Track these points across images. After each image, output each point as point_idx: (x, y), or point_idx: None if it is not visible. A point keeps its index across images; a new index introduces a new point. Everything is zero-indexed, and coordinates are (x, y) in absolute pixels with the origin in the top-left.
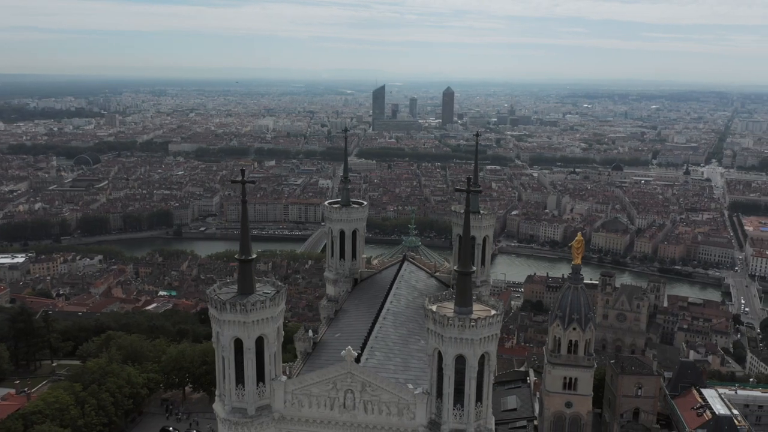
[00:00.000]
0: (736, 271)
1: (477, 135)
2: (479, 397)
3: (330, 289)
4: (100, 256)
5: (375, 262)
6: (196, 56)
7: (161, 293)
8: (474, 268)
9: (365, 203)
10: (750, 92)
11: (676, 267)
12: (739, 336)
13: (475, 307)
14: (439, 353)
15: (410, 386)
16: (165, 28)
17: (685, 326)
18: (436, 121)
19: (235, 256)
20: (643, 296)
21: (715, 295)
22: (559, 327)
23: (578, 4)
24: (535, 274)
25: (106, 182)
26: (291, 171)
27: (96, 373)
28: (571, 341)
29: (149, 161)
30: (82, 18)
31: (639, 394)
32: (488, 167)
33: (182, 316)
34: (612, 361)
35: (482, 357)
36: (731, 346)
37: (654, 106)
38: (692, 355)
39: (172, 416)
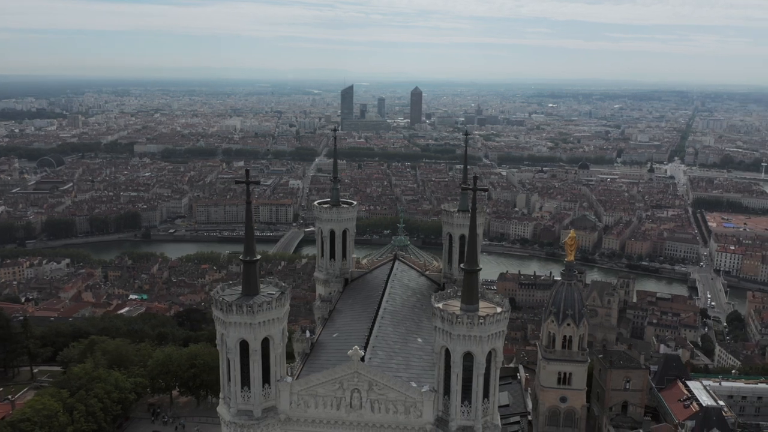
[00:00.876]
0: (702, 266)
1: (466, 134)
2: (486, 394)
3: (320, 290)
4: (67, 260)
5: (364, 261)
6: (160, 56)
7: (132, 297)
8: (481, 267)
9: (355, 203)
10: (710, 91)
11: (644, 263)
12: (706, 330)
13: (481, 304)
14: (447, 351)
15: (413, 384)
16: (128, 27)
17: (655, 321)
18: (405, 120)
19: (240, 257)
20: (613, 292)
21: (681, 290)
22: (554, 323)
23: (542, 5)
24: (507, 272)
25: (71, 184)
26: (260, 171)
27: (82, 379)
28: (565, 337)
29: (114, 163)
30: (42, 17)
31: (627, 387)
32: (457, 166)
33: (161, 320)
34: (600, 356)
35: (489, 354)
36: (699, 339)
37: (617, 106)
38: (662, 349)
39: (158, 420)
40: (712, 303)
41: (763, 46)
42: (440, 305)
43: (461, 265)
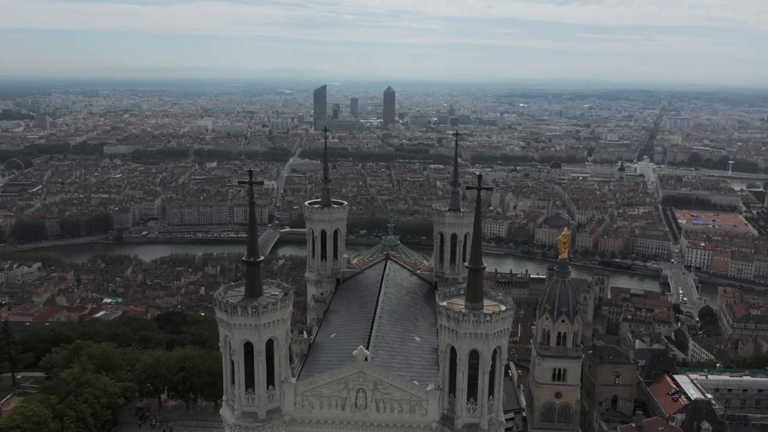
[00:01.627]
0: (673, 263)
1: (456, 134)
2: (491, 391)
3: (312, 290)
4: (38, 264)
5: (354, 261)
6: (129, 56)
7: (106, 300)
8: (485, 265)
9: (345, 203)
10: (676, 91)
11: (616, 260)
12: (679, 325)
13: (485, 302)
14: (452, 349)
15: (415, 383)
16: (96, 27)
17: (629, 317)
18: (378, 120)
19: (243, 258)
20: (588, 289)
21: (654, 286)
22: (549, 320)
23: (512, 6)
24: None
25: (40, 186)
26: (234, 172)
27: (71, 384)
28: (560, 333)
29: (84, 164)
30: (7, 16)
31: (617, 382)
32: (432, 166)
33: (142, 323)
34: (590, 352)
35: (494, 351)
36: (673, 334)
37: (586, 105)
38: (638, 344)
39: (146, 423)
40: (684, 299)
41: (727, 45)
42: (445, 304)
43: (465, 264)
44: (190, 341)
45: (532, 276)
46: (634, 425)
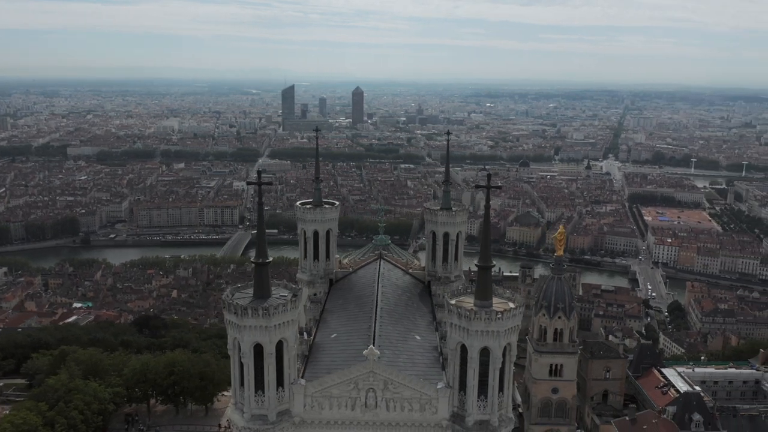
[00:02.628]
0: (641, 259)
1: (448, 134)
2: (500, 388)
3: (305, 291)
4: (4, 268)
5: (345, 261)
6: (92, 55)
7: (76, 305)
8: (494, 263)
9: (337, 203)
10: (639, 90)
11: (586, 257)
12: (649, 319)
13: (493, 300)
14: (462, 347)
15: (426, 381)
16: (56, 26)
17: (601, 312)
18: (347, 120)
19: (251, 260)
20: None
21: (623, 282)
22: (545, 316)
23: (477, 6)
24: None
25: (3, 189)
26: (203, 173)
27: (59, 391)
28: (556, 329)
29: (48, 166)
30: None
31: (607, 376)
32: (402, 165)
33: (121, 328)
34: (581, 347)
35: (504, 348)
36: (644, 329)
37: (552, 105)
38: (611, 339)
39: (134, 428)
40: (653, 294)
41: (687, 46)
42: (454, 302)
43: (475, 263)
44: (172, 345)
45: (505, 274)
46: (627, 418)
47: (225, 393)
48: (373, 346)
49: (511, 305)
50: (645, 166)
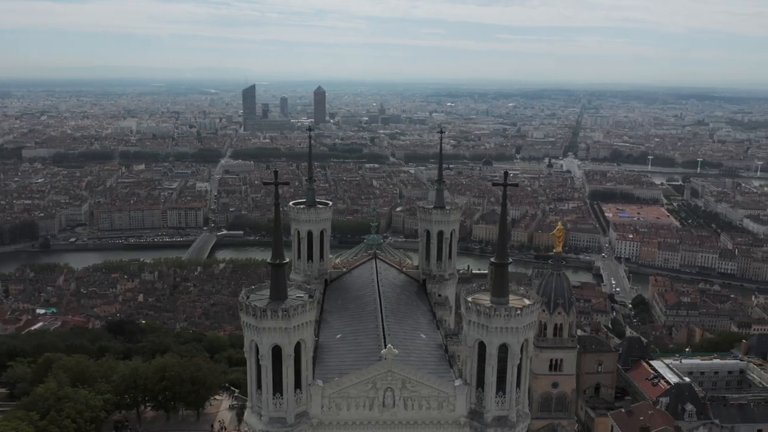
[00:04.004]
0: (604, 256)
1: (441, 132)
2: (517, 383)
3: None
4: None
5: (337, 261)
6: (44, 55)
7: (40, 311)
8: (511, 260)
9: (330, 203)
10: (594, 90)
11: (550, 253)
12: (614, 314)
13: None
14: (480, 343)
15: (443, 379)
16: (6, 25)
17: None
18: (309, 120)
19: (268, 261)
20: (530, 282)
21: (587, 278)
22: (545, 312)
23: (436, 6)
24: None
25: None
26: (164, 175)
27: (50, 400)
28: (556, 325)
29: (2, 169)
30: None
31: (599, 370)
32: (367, 165)
33: (95, 333)
34: None
35: (522, 344)
36: (610, 323)
37: (511, 104)
38: (579, 334)
39: None
40: (617, 289)
41: (640, 45)
42: (470, 299)
43: (491, 259)
44: (150, 350)
45: (474, 271)
46: (623, 410)
47: (216, 397)
48: (384, 345)
49: (527, 302)
50: (604, 164)
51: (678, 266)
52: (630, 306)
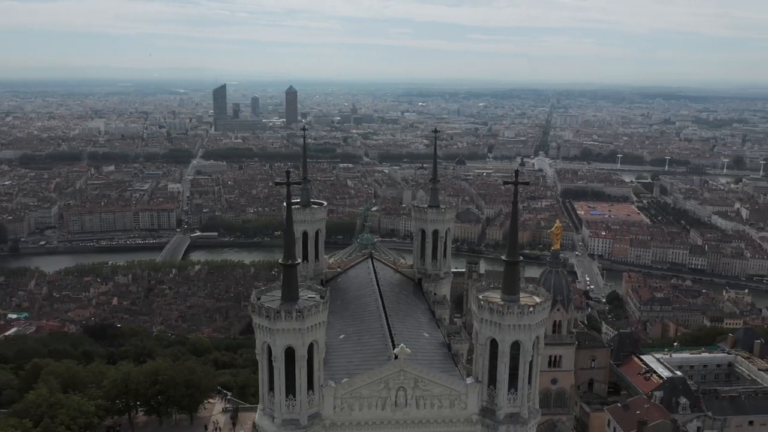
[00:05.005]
0: (578, 255)
1: (435, 131)
2: (529, 380)
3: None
4: None
5: (331, 261)
6: (8, 54)
7: (11, 316)
8: (522, 258)
9: (324, 203)
10: (563, 89)
11: (525, 251)
12: (590, 310)
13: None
14: (492, 341)
15: (455, 377)
16: None
17: None
18: (281, 120)
19: (279, 261)
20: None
21: None
22: None
23: (406, 6)
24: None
25: None
26: (135, 176)
27: (42, 406)
28: (555, 321)
29: None
30: None
31: (593, 365)
32: (341, 165)
33: (76, 338)
34: None
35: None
36: (586, 319)
37: (482, 104)
38: None
39: None
40: (591, 285)
41: (607, 46)
42: (482, 297)
43: (503, 257)
44: (134, 354)
45: (452, 269)
46: (620, 405)
47: (210, 400)
48: (392, 344)
49: (537, 299)
50: (574, 163)
51: (650, 262)
52: (605, 302)
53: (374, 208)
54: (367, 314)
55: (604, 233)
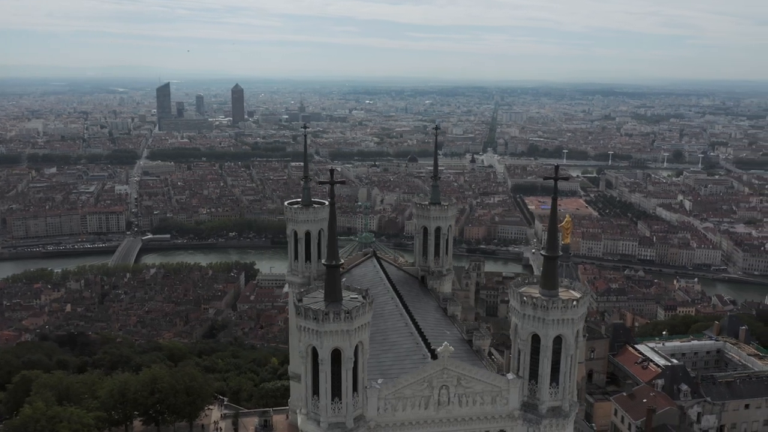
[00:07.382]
0: (534, 252)
1: (436, 128)
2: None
3: (293, 293)
4: None
5: None
6: None
7: None
8: (561, 253)
9: (326, 203)
10: (506, 87)
11: (481, 246)
12: None
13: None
14: (534, 336)
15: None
16: None
17: (506, 299)
18: (227, 119)
19: (323, 262)
20: (468, 275)
21: (517, 269)
22: None
23: (348, 4)
24: None
25: None
26: (78, 178)
27: (41, 420)
28: None
29: None
30: None
31: (592, 357)
32: (292, 164)
33: (49, 348)
34: None
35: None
36: None
37: (428, 102)
38: None
39: None
40: None
41: (546, 44)
42: (522, 292)
43: (541, 252)
44: (109, 363)
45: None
46: (625, 394)
47: (210, 407)
48: (424, 343)
49: (576, 293)
50: (522, 158)
51: (601, 254)
52: None
53: None
54: (387, 313)
55: None
